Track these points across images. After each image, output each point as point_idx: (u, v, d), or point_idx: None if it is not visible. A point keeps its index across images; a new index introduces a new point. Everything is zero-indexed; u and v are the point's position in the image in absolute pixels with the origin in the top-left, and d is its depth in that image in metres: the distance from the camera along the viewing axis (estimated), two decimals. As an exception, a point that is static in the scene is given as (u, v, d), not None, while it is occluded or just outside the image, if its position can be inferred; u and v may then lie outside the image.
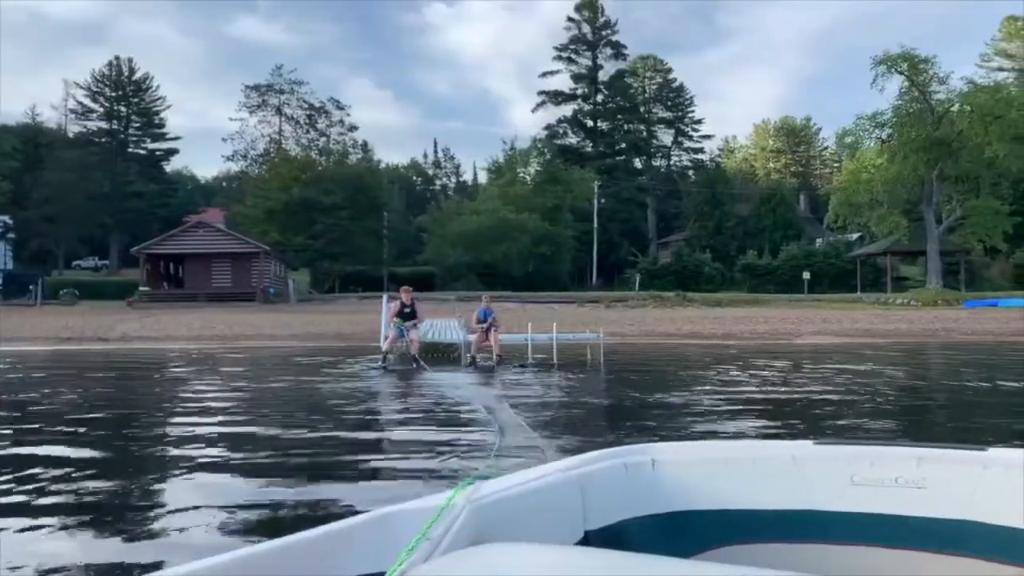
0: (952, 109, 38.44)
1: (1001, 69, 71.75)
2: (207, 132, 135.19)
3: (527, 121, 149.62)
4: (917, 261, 49.79)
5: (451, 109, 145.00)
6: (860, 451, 2.34)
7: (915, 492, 2.21)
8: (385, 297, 17.58)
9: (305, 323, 27.79)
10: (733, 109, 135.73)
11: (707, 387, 10.76)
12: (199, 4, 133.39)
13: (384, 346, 14.59)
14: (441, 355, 16.37)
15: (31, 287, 37.20)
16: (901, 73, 39.02)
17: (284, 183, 47.51)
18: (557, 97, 72.68)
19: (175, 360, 17.10)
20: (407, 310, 15.19)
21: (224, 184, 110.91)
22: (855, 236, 57.73)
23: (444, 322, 21.13)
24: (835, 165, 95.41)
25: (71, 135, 77.70)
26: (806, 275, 44.20)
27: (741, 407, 8.59)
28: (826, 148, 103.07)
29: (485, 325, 15.24)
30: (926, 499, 2.21)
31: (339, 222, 46.91)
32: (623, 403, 9.56)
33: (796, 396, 9.69)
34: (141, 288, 39.33)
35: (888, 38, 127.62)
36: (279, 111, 67.10)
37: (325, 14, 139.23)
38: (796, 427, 7.43)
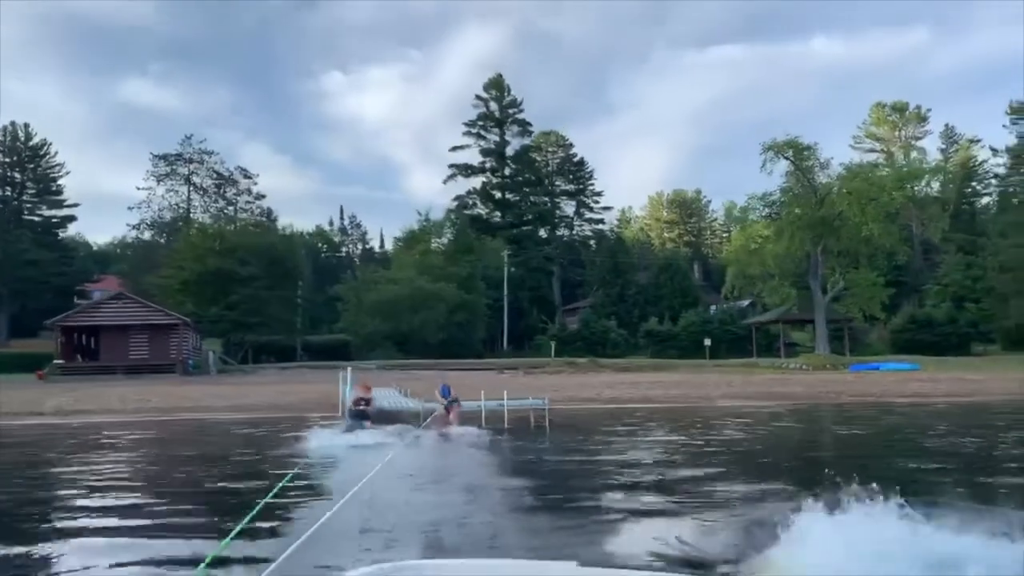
0: (833, 192, 42.91)
1: (872, 150, 79.34)
2: (97, 197, 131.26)
3: (426, 187, 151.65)
4: (806, 327, 53.93)
5: (351, 175, 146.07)
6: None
7: None
8: (348, 372, 18.32)
9: (238, 395, 28.27)
10: (628, 179, 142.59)
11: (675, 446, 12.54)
12: (87, 67, 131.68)
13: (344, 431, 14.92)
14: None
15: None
16: (787, 158, 43.47)
17: (198, 253, 47.67)
18: (467, 170, 75.47)
19: (158, 435, 17.70)
20: (362, 406, 15.50)
21: (118, 251, 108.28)
22: (746, 303, 62.00)
23: (387, 391, 22.45)
24: (724, 235, 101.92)
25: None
26: (707, 342, 47.24)
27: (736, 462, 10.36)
28: (715, 220, 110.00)
29: (446, 402, 16.57)
30: None
31: (255, 292, 47.30)
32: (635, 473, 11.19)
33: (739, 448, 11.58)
34: (55, 361, 38.55)
35: (768, 112, 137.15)
36: (188, 180, 66.89)
37: (221, 80, 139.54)
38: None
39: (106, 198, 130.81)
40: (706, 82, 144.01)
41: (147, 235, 73.07)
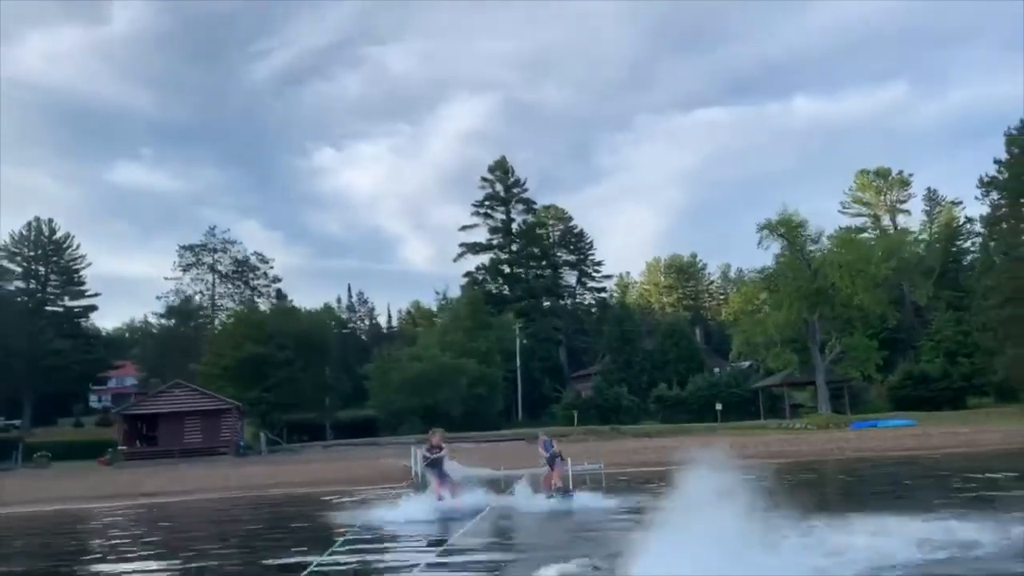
0: (824, 264, 47.71)
1: (860, 215, 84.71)
2: (93, 279, 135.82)
3: (420, 256, 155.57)
4: (807, 388, 58.02)
5: (344, 248, 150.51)
6: None
7: None
8: (413, 447, 21.91)
9: (306, 472, 32.14)
10: (623, 243, 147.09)
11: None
12: (80, 153, 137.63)
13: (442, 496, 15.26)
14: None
15: (14, 452, 39.76)
16: (781, 235, 48.38)
17: (237, 341, 51.79)
18: (475, 248, 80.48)
19: (298, 508, 21.47)
20: (437, 452, 15.62)
21: (127, 335, 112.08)
22: (747, 364, 66.13)
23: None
24: (721, 297, 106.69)
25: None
26: (719, 406, 51.18)
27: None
28: (712, 282, 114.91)
29: (547, 456, 16.36)
30: None
31: (291, 374, 51.28)
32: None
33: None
34: (119, 447, 42.33)
35: (755, 170, 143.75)
36: (213, 269, 71.54)
37: (211, 160, 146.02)
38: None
39: (104, 280, 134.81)
40: (691, 144, 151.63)
41: (172, 322, 77.22)
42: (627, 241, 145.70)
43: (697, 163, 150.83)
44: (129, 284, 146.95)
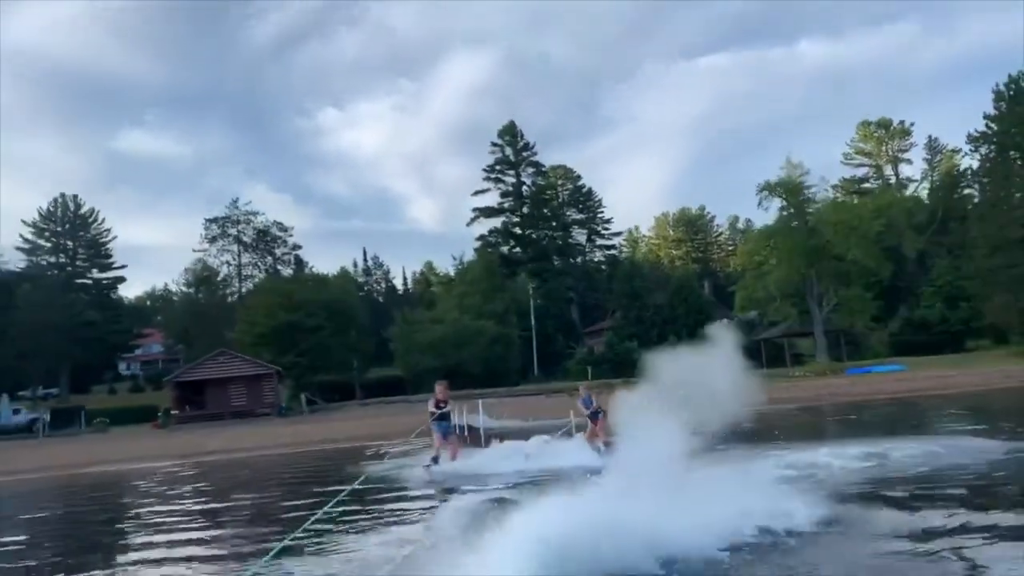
0: (821, 223, 51.32)
1: (862, 165, 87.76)
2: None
3: (427, 215, 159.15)
4: (808, 338, 61.82)
5: (351, 209, 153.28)
6: None
7: None
8: (480, 403, 25.59)
9: (350, 428, 36.18)
10: (630, 195, 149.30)
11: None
12: (83, 121, 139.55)
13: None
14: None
15: (76, 418, 44.13)
16: (780, 196, 51.90)
17: (269, 310, 55.85)
18: (487, 212, 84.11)
19: (334, 460, 25.41)
20: (444, 407, 15.41)
21: (148, 303, 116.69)
22: (754, 313, 69.89)
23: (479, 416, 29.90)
24: (730, 248, 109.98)
25: (17, 269, 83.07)
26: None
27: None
28: (721, 234, 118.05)
29: (588, 413, 16.27)
30: None
31: (321, 340, 55.37)
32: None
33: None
34: (172, 412, 46.66)
35: (760, 117, 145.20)
36: (238, 239, 75.50)
37: (216, 124, 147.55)
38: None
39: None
40: (697, 93, 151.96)
41: (197, 292, 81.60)
42: (635, 194, 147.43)
43: (703, 112, 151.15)
44: (140, 251, 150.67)
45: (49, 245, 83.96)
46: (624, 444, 8.53)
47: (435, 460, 14.92)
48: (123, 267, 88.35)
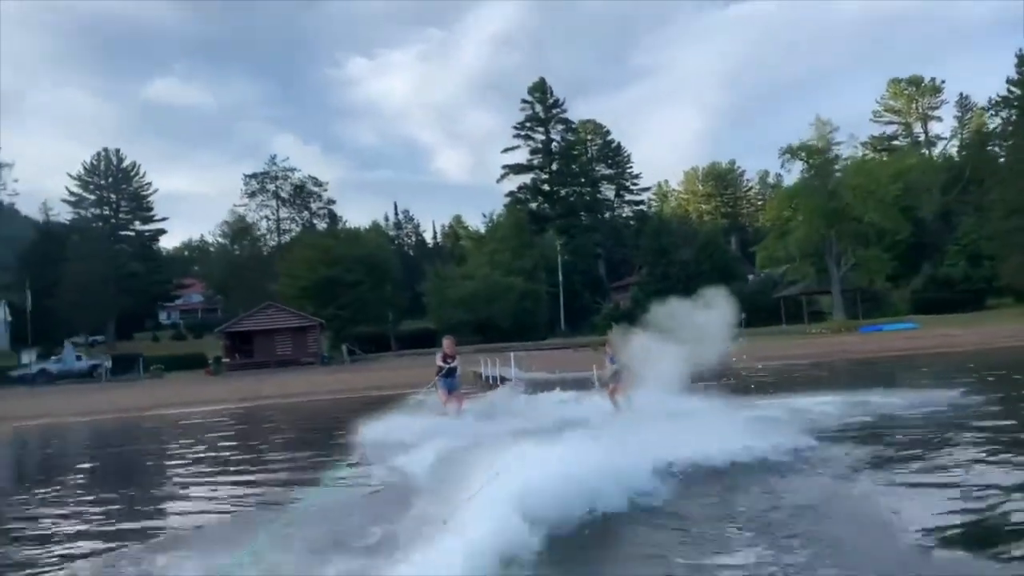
0: (840, 186, 53.64)
1: (891, 123, 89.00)
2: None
3: (454, 165, 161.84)
4: (827, 296, 64.32)
5: (380, 159, 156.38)
6: None
7: None
8: (512, 356, 28.74)
9: (392, 376, 39.56)
10: (659, 147, 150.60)
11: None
12: (112, 70, 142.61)
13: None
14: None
15: (134, 365, 48.15)
16: (802, 159, 54.20)
17: (310, 265, 59.43)
18: (517, 169, 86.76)
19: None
20: (451, 362, 15.40)
21: (186, 254, 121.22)
22: (781, 270, 72.34)
23: (508, 368, 33.01)
24: (759, 202, 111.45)
25: (65, 221, 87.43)
26: (742, 314, 57.70)
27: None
28: (751, 189, 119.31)
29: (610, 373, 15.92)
30: None
31: (359, 294, 58.92)
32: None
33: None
34: (223, 359, 50.56)
35: (797, 68, 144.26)
36: (276, 195, 79.07)
37: (245, 74, 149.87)
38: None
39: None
40: (731, 41, 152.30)
41: (235, 246, 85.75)
42: (666, 146, 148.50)
43: (737, 62, 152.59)
44: (171, 200, 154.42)
45: (93, 198, 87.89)
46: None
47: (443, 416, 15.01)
48: (164, 219, 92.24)
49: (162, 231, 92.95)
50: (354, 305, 58.27)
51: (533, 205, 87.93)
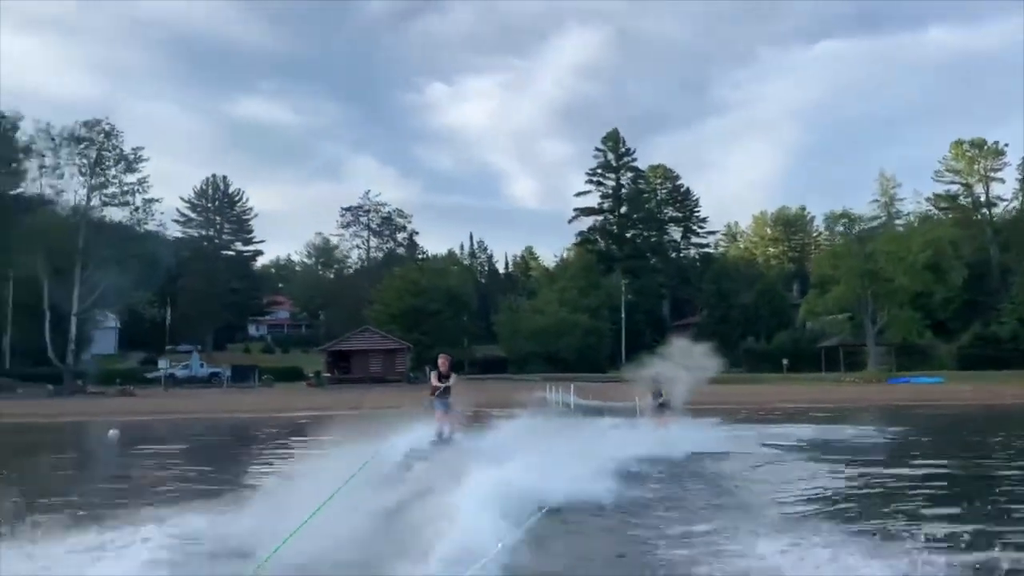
0: (876, 251, 61.16)
1: (953, 182, 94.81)
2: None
3: (528, 193, 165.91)
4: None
5: (454, 184, 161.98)
6: None
7: None
8: (572, 386, 36.67)
9: (474, 397, 48.17)
10: (732, 184, 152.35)
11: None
12: (202, 86, 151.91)
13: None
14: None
15: (251, 375, 58.22)
16: (842, 227, 62.19)
17: (399, 294, 69.23)
18: (588, 212, 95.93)
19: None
20: (446, 381, 16.00)
21: (273, 271, 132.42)
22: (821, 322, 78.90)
23: (573, 397, 41.02)
24: (827, 248, 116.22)
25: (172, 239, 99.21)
26: (784, 361, 65.36)
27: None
28: (820, 234, 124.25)
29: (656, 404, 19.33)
30: None
31: (440, 322, 68.32)
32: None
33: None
34: (324, 374, 60.37)
35: (878, 109, 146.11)
36: (368, 227, 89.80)
37: (327, 95, 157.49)
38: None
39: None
40: (813, 80, 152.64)
41: (325, 271, 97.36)
42: (738, 183, 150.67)
43: (818, 100, 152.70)
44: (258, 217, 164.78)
45: (201, 219, 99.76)
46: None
47: (439, 436, 15.47)
48: (262, 241, 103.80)
49: (260, 252, 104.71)
50: (435, 332, 67.55)
51: (602, 245, 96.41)
